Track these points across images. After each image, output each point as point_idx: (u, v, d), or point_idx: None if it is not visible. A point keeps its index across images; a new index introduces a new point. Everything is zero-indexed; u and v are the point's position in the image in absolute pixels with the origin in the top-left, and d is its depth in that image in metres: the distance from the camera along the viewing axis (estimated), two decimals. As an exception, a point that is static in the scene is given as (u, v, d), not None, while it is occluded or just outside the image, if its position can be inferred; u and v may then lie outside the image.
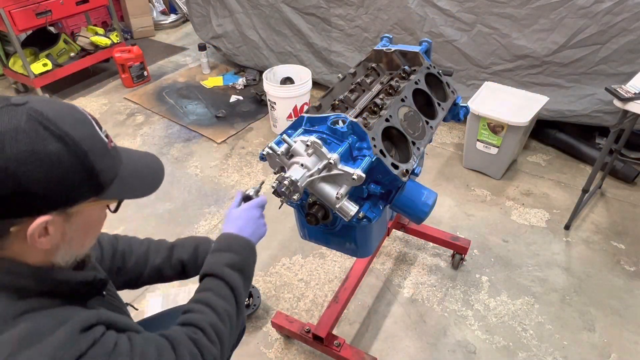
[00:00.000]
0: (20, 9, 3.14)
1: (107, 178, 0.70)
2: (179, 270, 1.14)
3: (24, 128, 0.61)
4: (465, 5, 2.66)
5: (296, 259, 2.23)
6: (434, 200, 1.25)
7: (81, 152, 0.65)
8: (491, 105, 2.51)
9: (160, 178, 0.82)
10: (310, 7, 3.20)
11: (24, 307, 0.65)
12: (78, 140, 0.65)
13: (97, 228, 0.78)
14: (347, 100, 1.35)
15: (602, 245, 2.25)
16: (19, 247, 0.67)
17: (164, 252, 1.14)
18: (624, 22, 2.32)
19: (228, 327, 0.88)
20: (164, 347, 0.75)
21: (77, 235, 0.72)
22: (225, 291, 0.91)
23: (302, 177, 1.02)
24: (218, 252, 0.96)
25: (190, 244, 1.16)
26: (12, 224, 0.64)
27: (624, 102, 1.80)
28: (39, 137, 0.61)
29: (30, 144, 0.61)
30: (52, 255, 0.71)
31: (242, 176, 2.78)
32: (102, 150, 0.70)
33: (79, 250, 0.75)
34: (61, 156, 0.63)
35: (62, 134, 0.64)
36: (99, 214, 0.76)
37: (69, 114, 0.67)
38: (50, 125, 0.63)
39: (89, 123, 0.69)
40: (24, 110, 0.62)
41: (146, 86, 3.81)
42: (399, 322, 1.92)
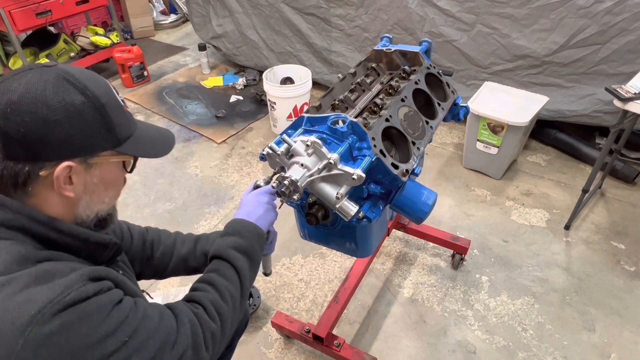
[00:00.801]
0: (20, 9, 3.14)
1: (123, 133, 0.79)
2: (203, 262, 1.20)
3: (52, 81, 0.71)
4: (465, 5, 2.66)
5: (296, 259, 2.23)
6: (434, 200, 1.25)
7: (99, 105, 0.74)
8: (491, 105, 2.51)
9: (171, 144, 0.90)
10: (310, 7, 3.20)
11: (45, 255, 0.72)
12: (98, 95, 0.75)
13: (116, 187, 0.85)
14: (347, 100, 1.35)
15: (602, 245, 2.25)
16: (46, 194, 0.75)
17: (189, 243, 1.21)
18: (624, 22, 2.32)
19: (230, 306, 0.90)
20: (166, 314, 0.80)
21: (97, 190, 0.79)
22: (230, 272, 0.94)
23: (302, 177, 1.02)
24: (226, 235, 1.00)
25: (214, 237, 1.23)
26: (41, 168, 0.72)
27: (624, 102, 1.80)
28: (64, 88, 0.72)
29: (57, 93, 0.71)
30: (75, 207, 0.79)
31: (242, 176, 2.78)
32: (118, 107, 0.79)
33: (99, 205, 0.82)
34: (83, 106, 0.73)
35: (83, 88, 0.73)
36: (116, 172, 0.82)
37: (91, 76, 0.77)
38: (74, 81, 0.73)
39: (107, 85, 0.79)
40: (53, 69, 0.73)
41: (146, 86, 3.81)
42: (399, 322, 1.92)
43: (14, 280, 0.66)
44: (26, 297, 0.64)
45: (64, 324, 0.64)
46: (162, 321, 0.77)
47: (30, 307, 0.63)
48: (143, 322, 0.74)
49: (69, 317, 0.65)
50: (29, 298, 0.64)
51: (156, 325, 0.76)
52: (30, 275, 0.66)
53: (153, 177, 2.77)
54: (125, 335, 0.70)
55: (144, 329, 0.73)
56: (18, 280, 0.66)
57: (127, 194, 2.62)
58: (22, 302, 0.64)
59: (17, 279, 0.66)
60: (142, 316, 0.74)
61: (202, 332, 0.82)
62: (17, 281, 0.66)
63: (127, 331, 0.71)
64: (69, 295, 0.66)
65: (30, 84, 0.70)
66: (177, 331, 0.78)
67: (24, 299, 0.64)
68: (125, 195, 2.61)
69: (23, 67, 0.74)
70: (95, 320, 0.68)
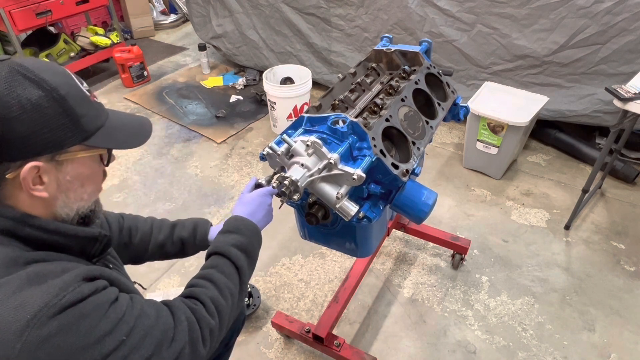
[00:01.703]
0: (20, 9, 3.14)
1: (90, 125, 0.75)
2: (179, 248, 1.22)
3: (4, 77, 0.67)
4: (465, 5, 2.66)
5: (296, 259, 2.23)
6: (434, 200, 1.25)
7: (59, 96, 0.70)
8: (491, 105, 2.51)
9: (147, 132, 0.87)
10: (310, 7, 3.20)
11: (34, 257, 0.70)
12: (55, 86, 0.70)
13: (94, 182, 0.82)
14: (347, 100, 1.35)
15: (602, 245, 2.25)
16: (18, 195, 0.72)
17: (166, 229, 1.21)
18: (624, 22, 2.32)
19: (229, 303, 0.90)
20: (162, 310, 0.79)
21: (73, 187, 0.76)
22: (230, 269, 0.94)
23: (302, 177, 1.02)
24: (227, 232, 1.00)
25: (190, 224, 1.24)
26: (6, 169, 0.69)
27: (624, 102, 1.80)
28: (18, 83, 0.68)
29: (10, 88, 0.67)
30: (53, 207, 0.76)
31: (242, 176, 2.78)
32: (82, 97, 0.74)
33: (78, 203, 0.79)
34: (40, 100, 0.68)
35: (39, 80, 0.69)
36: (91, 166, 0.79)
37: (48, 66, 0.73)
38: (29, 73, 0.69)
39: (67, 75, 0.75)
40: (5, 63, 0.69)
41: (146, 86, 3.81)
42: (399, 322, 1.93)
43: (5, 285, 0.64)
44: (20, 301, 0.63)
45: (61, 325, 0.64)
46: (158, 318, 0.76)
47: (26, 311, 0.62)
48: (140, 320, 0.73)
49: (66, 318, 0.64)
50: (24, 302, 0.63)
51: (153, 322, 0.75)
52: (21, 279, 0.65)
53: (153, 177, 2.77)
54: (123, 334, 0.70)
55: (141, 327, 0.73)
56: (10, 284, 0.64)
57: (127, 194, 2.62)
58: (17, 307, 0.63)
59: (9, 282, 0.65)
60: (138, 314, 0.74)
61: (200, 329, 0.82)
62: (9, 285, 0.64)
63: (125, 329, 0.70)
64: (64, 297, 0.65)
65: None
66: (175, 328, 0.77)
67: (19, 303, 0.63)
68: (125, 195, 2.61)
69: None
70: (92, 321, 0.67)
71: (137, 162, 2.91)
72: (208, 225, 1.26)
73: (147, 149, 3.02)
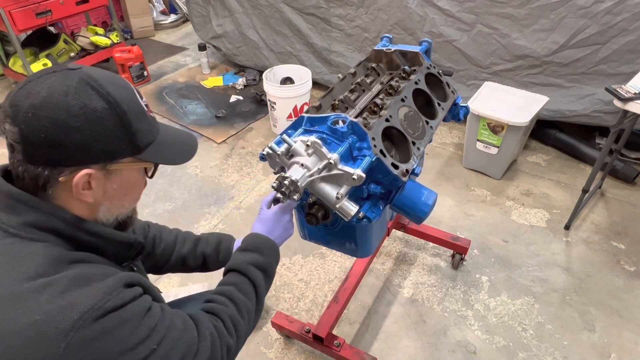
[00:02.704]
0: (20, 9, 3.14)
1: (144, 140, 0.78)
2: (201, 263, 1.24)
3: (75, 86, 0.70)
4: (465, 5, 2.66)
5: (296, 259, 2.23)
6: (434, 200, 1.25)
7: (121, 111, 0.74)
8: (491, 105, 2.51)
9: (193, 151, 0.91)
10: (310, 7, 3.20)
11: (76, 257, 0.73)
12: (119, 101, 0.74)
13: (136, 191, 0.86)
14: (347, 100, 1.35)
15: (602, 245, 2.25)
16: (66, 198, 0.75)
17: (189, 243, 1.23)
18: (624, 22, 2.32)
19: (246, 321, 0.93)
20: (189, 324, 0.81)
21: (117, 195, 0.80)
22: (248, 288, 0.96)
23: (302, 177, 1.02)
24: (246, 251, 1.02)
25: (214, 240, 1.25)
26: (61, 173, 0.72)
27: (624, 102, 1.80)
28: (86, 94, 0.71)
29: (79, 99, 0.70)
30: (96, 211, 0.79)
31: (242, 176, 2.78)
32: (140, 113, 0.78)
33: (119, 210, 0.83)
34: (104, 113, 0.72)
35: (106, 94, 0.72)
36: (137, 177, 0.83)
37: (114, 80, 0.76)
38: (97, 86, 0.72)
39: (130, 90, 0.78)
40: (76, 73, 0.72)
41: (146, 86, 3.81)
42: (399, 322, 1.92)
43: (53, 283, 0.66)
44: (68, 302, 0.65)
45: (104, 329, 0.66)
46: (185, 331, 0.78)
47: (73, 312, 0.64)
48: (170, 331, 0.75)
49: (108, 323, 0.67)
50: (71, 302, 0.65)
51: (181, 334, 0.77)
52: (68, 278, 0.68)
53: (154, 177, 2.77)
54: (155, 343, 0.72)
55: (171, 338, 0.75)
56: (58, 283, 0.67)
57: (127, 194, 2.62)
58: (65, 307, 0.65)
59: (57, 282, 0.67)
60: (168, 325, 0.76)
61: (220, 346, 0.83)
62: (57, 284, 0.66)
63: (157, 339, 0.72)
64: (108, 301, 0.67)
65: (52, 88, 0.69)
66: (199, 342, 0.80)
67: (66, 304, 0.65)
68: (125, 195, 2.61)
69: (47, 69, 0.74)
70: (130, 327, 0.69)
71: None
72: (232, 242, 1.27)
73: (147, 149, 3.02)
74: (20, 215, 0.72)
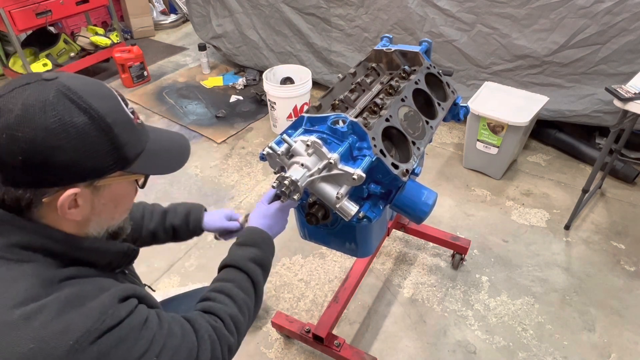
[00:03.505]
0: (20, 9, 3.14)
1: (132, 152, 0.73)
2: (171, 235, 1.21)
3: (52, 101, 0.64)
4: (465, 5, 2.66)
5: (296, 259, 2.23)
6: (434, 200, 1.25)
7: (105, 125, 0.68)
8: (491, 105, 2.51)
9: (186, 156, 0.86)
10: (310, 7, 3.20)
11: (67, 274, 0.70)
12: (103, 114, 0.68)
13: (127, 202, 0.82)
14: (347, 100, 1.34)
15: (602, 245, 2.25)
16: (51, 217, 0.71)
17: (157, 217, 1.19)
18: (624, 22, 2.32)
19: (246, 319, 0.91)
20: (187, 329, 0.79)
21: (106, 209, 0.76)
22: (247, 285, 0.94)
23: (302, 177, 1.02)
24: (244, 245, 1.00)
25: (182, 210, 1.22)
26: (43, 194, 0.67)
27: (624, 102, 1.80)
28: (65, 109, 0.65)
29: (57, 115, 0.64)
30: (85, 227, 0.75)
31: (242, 176, 2.78)
32: (127, 124, 0.72)
33: (109, 222, 0.79)
34: (86, 128, 0.66)
35: (87, 107, 0.67)
36: (127, 189, 0.79)
37: (95, 90, 0.70)
38: (77, 98, 0.66)
39: (114, 98, 0.73)
40: (53, 84, 0.66)
41: (146, 86, 3.81)
42: (399, 322, 1.92)
43: (45, 308, 0.63)
44: (62, 326, 0.63)
45: (101, 350, 0.65)
46: (184, 337, 0.77)
47: (68, 336, 0.62)
48: (168, 340, 0.74)
49: (105, 343, 0.65)
50: (65, 327, 0.63)
51: (180, 341, 0.76)
52: (60, 301, 0.65)
53: (153, 177, 2.75)
54: (154, 355, 0.71)
55: (170, 346, 0.73)
56: (50, 307, 0.64)
57: (127, 194, 2.62)
58: (59, 332, 0.62)
59: (49, 305, 0.64)
60: (167, 333, 0.74)
61: (220, 347, 0.82)
62: (49, 308, 0.64)
63: (156, 350, 0.71)
64: (104, 322, 0.65)
65: (27, 105, 0.63)
66: (198, 347, 0.78)
67: (61, 328, 0.63)
68: (125, 195, 2.61)
69: (21, 78, 0.67)
70: (129, 343, 0.68)
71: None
72: (202, 212, 1.24)
73: (147, 149, 3.02)
74: (4, 236, 0.68)
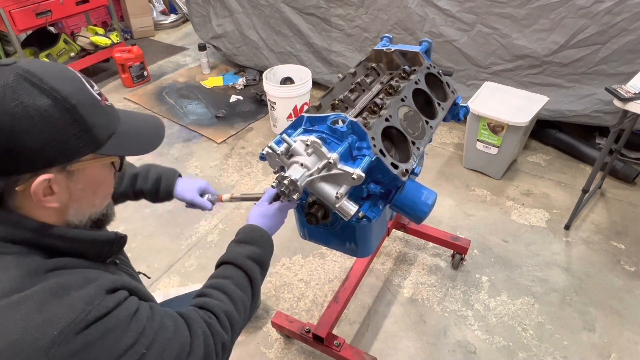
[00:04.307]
0: (20, 9, 3.14)
1: (102, 133, 0.72)
2: (141, 197, 1.24)
3: (11, 85, 0.63)
4: (465, 5, 2.66)
5: (296, 259, 2.23)
6: (434, 199, 1.24)
7: (70, 106, 0.67)
8: (491, 105, 2.51)
9: (161, 136, 0.84)
10: (310, 7, 3.20)
11: (54, 264, 0.69)
12: (65, 95, 0.66)
13: (106, 187, 0.80)
14: (347, 100, 1.34)
15: (602, 245, 2.25)
16: (29, 206, 0.70)
17: (127, 181, 1.20)
18: (624, 22, 2.32)
19: (242, 316, 0.90)
20: (180, 323, 0.78)
21: (84, 195, 0.74)
22: (244, 282, 0.94)
23: (301, 176, 1.02)
24: (243, 243, 1.00)
25: (153, 175, 1.22)
26: (16, 182, 0.66)
27: (624, 102, 1.80)
28: (26, 92, 0.64)
29: (18, 99, 0.63)
30: (65, 215, 0.74)
31: (242, 176, 2.78)
32: (93, 105, 0.71)
33: (90, 209, 0.78)
34: (50, 110, 0.65)
35: (49, 89, 0.65)
36: (103, 173, 0.77)
37: (56, 72, 0.69)
38: (37, 81, 0.65)
39: (77, 80, 0.71)
40: (12, 69, 0.65)
41: (146, 86, 3.81)
42: (399, 322, 1.92)
43: (29, 298, 0.63)
44: (46, 317, 0.62)
45: (87, 341, 0.63)
46: (176, 331, 0.76)
47: (53, 327, 0.61)
48: (159, 333, 0.72)
49: (91, 334, 0.64)
50: (49, 317, 0.62)
51: (171, 335, 0.74)
52: (45, 291, 0.64)
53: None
54: (144, 348, 0.69)
55: (161, 340, 0.72)
56: (34, 297, 0.63)
57: (127, 194, 2.62)
58: (43, 323, 0.61)
59: (32, 296, 0.63)
60: (158, 327, 0.73)
61: (214, 343, 0.81)
62: (34, 298, 0.63)
63: (145, 343, 0.70)
64: (90, 313, 0.64)
65: None
66: (191, 343, 0.77)
67: (45, 319, 0.61)
68: (125, 195, 2.61)
69: None
70: (116, 335, 0.66)
71: (136, 163, 2.89)
72: (174, 178, 1.22)
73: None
74: None
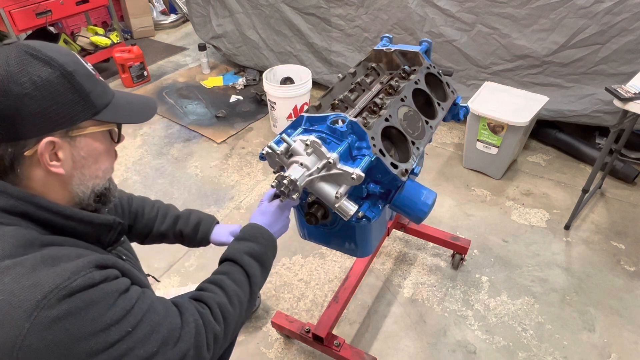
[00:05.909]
0: (20, 9, 3.14)
1: (99, 101, 0.78)
2: (180, 239, 1.29)
3: (14, 56, 0.70)
4: (465, 5, 2.66)
5: (296, 259, 2.23)
6: (434, 199, 1.24)
7: (67, 73, 0.73)
8: (491, 105, 2.50)
9: (153, 108, 0.89)
10: (310, 7, 3.20)
11: (50, 240, 0.73)
12: (62, 63, 0.73)
13: (107, 158, 0.84)
14: (347, 100, 1.34)
15: (602, 245, 2.25)
16: (36, 174, 0.74)
17: (169, 220, 1.26)
18: (624, 22, 2.32)
19: (237, 310, 0.90)
20: (172, 310, 0.79)
21: (87, 163, 0.79)
22: (241, 277, 0.94)
23: (301, 176, 1.02)
24: (242, 240, 1.01)
25: (194, 219, 1.28)
26: (24, 147, 0.71)
27: (624, 102, 1.79)
28: (28, 62, 0.71)
29: (21, 66, 0.70)
30: (69, 184, 0.78)
31: (242, 176, 2.78)
32: (89, 75, 0.77)
33: (93, 180, 0.82)
34: (50, 77, 0.72)
35: (48, 59, 0.72)
36: (103, 141, 0.82)
37: (53, 47, 0.76)
38: (37, 53, 0.72)
39: (72, 54, 0.78)
40: (12, 46, 0.72)
41: (146, 86, 3.81)
42: (399, 322, 1.92)
43: (19, 264, 0.65)
44: (33, 281, 0.64)
45: (70, 309, 0.64)
46: (167, 316, 0.76)
47: (37, 291, 0.63)
48: (148, 315, 0.73)
49: (75, 303, 0.65)
50: (36, 282, 0.64)
51: (161, 319, 0.75)
52: (35, 259, 0.66)
53: (153, 177, 2.77)
54: (130, 326, 0.70)
55: (149, 322, 0.73)
56: (24, 264, 0.66)
57: (127, 194, 2.62)
58: (29, 286, 0.63)
59: (23, 262, 0.66)
60: (147, 308, 0.74)
61: (205, 333, 0.81)
62: (23, 265, 0.65)
63: (132, 322, 0.70)
64: (75, 281, 0.65)
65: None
66: (181, 329, 0.77)
67: (31, 283, 0.64)
68: (125, 195, 2.61)
69: None
70: (101, 308, 0.67)
71: (137, 162, 2.91)
72: (212, 224, 1.28)
73: (146, 149, 3.02)
74: None
